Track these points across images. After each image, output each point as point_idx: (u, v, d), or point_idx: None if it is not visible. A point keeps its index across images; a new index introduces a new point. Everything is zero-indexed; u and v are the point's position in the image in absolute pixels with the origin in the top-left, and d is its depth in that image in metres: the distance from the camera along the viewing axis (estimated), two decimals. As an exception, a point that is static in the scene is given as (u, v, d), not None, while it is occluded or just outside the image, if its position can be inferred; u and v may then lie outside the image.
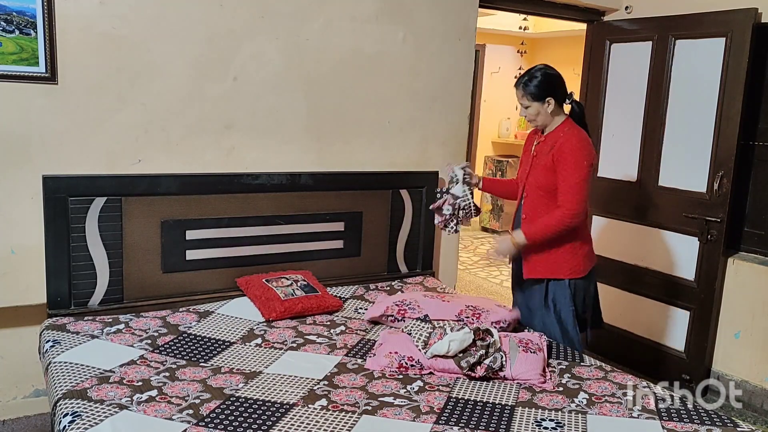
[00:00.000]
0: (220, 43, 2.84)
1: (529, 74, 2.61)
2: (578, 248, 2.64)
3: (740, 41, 3.27)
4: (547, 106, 2.59)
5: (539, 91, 2.57)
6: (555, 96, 2.59)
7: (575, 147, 2.53)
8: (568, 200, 2.52)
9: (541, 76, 2.59)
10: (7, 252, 2.59)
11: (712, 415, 2.02)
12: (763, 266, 3.36)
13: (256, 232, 2.97)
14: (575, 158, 2.52)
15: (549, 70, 2.61)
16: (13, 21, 2.46)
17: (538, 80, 2.58)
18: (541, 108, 2.59)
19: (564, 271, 2.63)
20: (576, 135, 2.57)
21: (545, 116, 2.62)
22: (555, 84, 2.60)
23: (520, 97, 2.63)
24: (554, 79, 2.61)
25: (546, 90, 2.57)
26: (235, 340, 2.46)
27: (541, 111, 2.60)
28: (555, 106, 2.60)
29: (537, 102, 2.58)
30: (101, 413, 1.82)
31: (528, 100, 2.59)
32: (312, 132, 3.14)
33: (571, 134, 2.57)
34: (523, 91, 2.60)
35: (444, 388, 2.14)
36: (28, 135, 2.55)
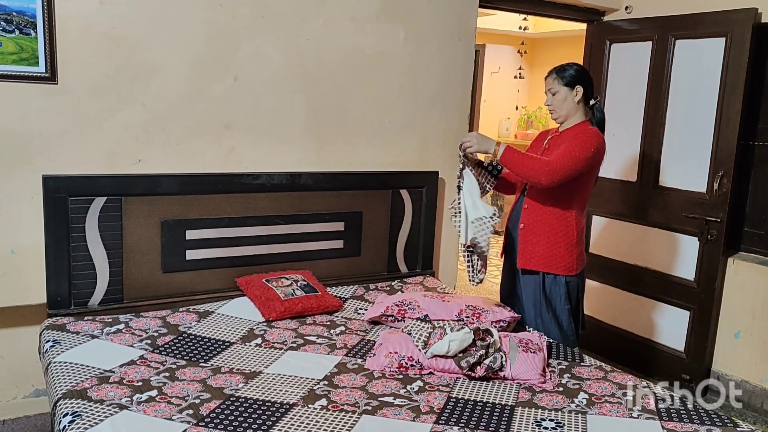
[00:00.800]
0: (220, 43, 2.85)
1: (563, 64, 2.65)
2: (574, 247, 2.64)
3: (740, 41, 3.27)
4: (575, 95, 2.59)
5: (571, 78, 2.59)
6: (585, 88, 2.60)
7: (590, 136, 2.53)
8: (557, 160, 2.46)
9: (576, 67, 2.64)
10: (7, 252, 2.59)
11: (712, 415, 2.02)
12: (763, 266, 3.36)
13: (256, 232, 2.97)
14: (586, 141, 2.51)
15: (583, 68, 2.67)
16: (13, 21, 2.46)
17: (572, 68, 2.62)
18: (569, 95, 2.60)
19: (559, 267, 2.63)
20: (594, 131, 2.58)
21: (570, 105, 2.60)
22: (587, 77, 2.64)
23: (552, 81, 2.63)
24: (587, 73, 2.66)
25: (578, 78, 2.59)
26: (235, 340, 2.46)
27: (569, 98, 2.60)
28: (581, 98, 2.60)
29: (567, 87, 2.59)
30: (101, 413, 1.82)
31: (558, 83, 2.60)
32: (312, 132, 3.14)
33: (588, 129, 2.59)
34: (556, 74, 2.61)
35: (444, 388, 2.14)
36: (28, 135, 2.55)
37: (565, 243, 2.62)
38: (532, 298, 2.71)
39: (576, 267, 2.66)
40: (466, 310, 2.59)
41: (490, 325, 2.48)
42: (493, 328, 2.38)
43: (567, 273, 2.64)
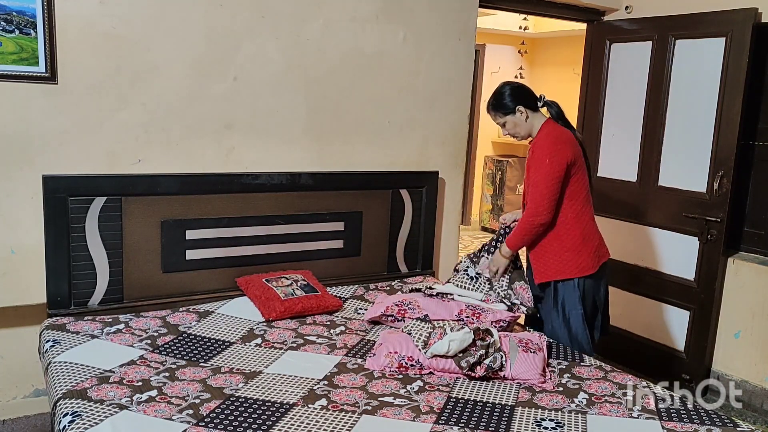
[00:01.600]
0: (220, 43, 2.84)
1: (494, 95, 2.69)
2: (583, 245, 2.64)
3: (740, 41, 3.27)
4: (521, 115, 2.62)
5: (508, 104, 2.62)
6: (525, 104, 2.62)
7: (541, 146, 2.57)
8: (531, 200, 2.58)
9: (505, 89, 2.66)
10: (7, 252, 2.59)
11: (712, 415, 2.02)
12: (763, 266, 3.36)
13: (256, 232, 2.97)
14: (538, 156, 2.56)
15: (510, 83, 2.69)
16: (13, 21, 2.46)
17: (503, 95, 2.65)
18: (516, 119, 2.63)
19: (571, 270, 2.63)
20: (546, 135, 2.60)
21: (523, 126, 2.65)
22: (520, 93, 2.65)
23: (494, 117, 2.69)
24: (518, 88, 2.67)
25: (514, 100, 2.62)
26: (235, 340, 2.46)
27: (518, 122, 2.64)
28: (529, 113, 2.62)
29: (510, 115, 2.63)
30: (101, 413, 1.82)
31: (501, 116, 2.65)
32: (312, 132, 3.14)
33: (543, 134, 2.62)
34: (494, 110, 2.66)
35: (444, 388, 2.14)
36: (28, 135, 2.55)
37: (570, 245, 2.62)
38: (553, 311, 2.70)
39: (591, 265, 2.64)
40: (466, 310, 2.59)
41: (490, 325, 2.48)
42: (493, 328, 2.38)
43: (580, 274, 2.63)
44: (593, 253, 2.66)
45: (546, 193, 2.53)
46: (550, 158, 2.52)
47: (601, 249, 2.72)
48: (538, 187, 2.54)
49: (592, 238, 2.69)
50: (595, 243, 2.69)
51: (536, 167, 2.55)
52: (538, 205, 2.55)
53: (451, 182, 3.59)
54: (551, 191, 2.53)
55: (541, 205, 2.54)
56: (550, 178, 2.52)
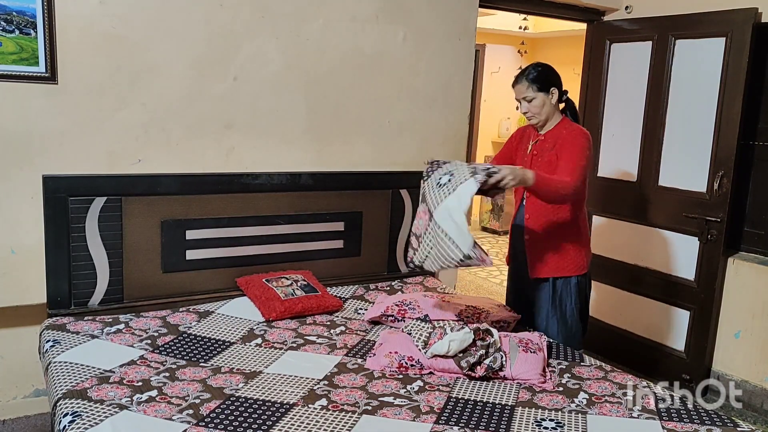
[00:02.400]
0: (220, 43, 2.85)
1: (534, 67, 2.58)
2: (581, 246, 2.65)
3: (740, 41, 3.27)
4: (551, 97, 2.55)
5: (544, 82, 2.54)
6: (558, 86, 2.57)
7: (583, 139, 2.52)
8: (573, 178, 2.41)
9: (543, 68, 2.57)
10: (7, 252, 2.59)
11: (712, 415, 2.02)
12: (763, 266, 3.36)
13: (256, 232, 2.97)
14: (581, 145, 2.49)
15: (546, 65, 2.61)
16: (13, 21, 2.46)
17: (541, 71, 2.56)
18: (546, 99, 2.55)
19: (570, 269, 2.63)
20: (580, 130, 2.57)
21: (549, 108, 2.56)
22: (557, 77, 2.59)
23: (525, 89, 2.55)
24: (555, 72, 2.60)
25: (550, 80, 2.55)
26: (235, 340, 2.46)
27: (546, 102, 2.55)
28: (557, 99, 2.57)
29: (542, 93, 2.54)
30: (101, 413, 1.82)
31: (533, 90, 2.53)
32: (312, 132, 3.14)
33: (574, 128, 2.57)
34: (528, 82, 2.54)
35: (444, 388, 2.14)
36: (28, 135, 2.55)
37: (575, 244, 2.63)
38: (545, 303, 2.70)
39: (586, 265, 2.67)
40: (466, 310, 2.59)
41: (490, 325, 2.48)
42: (493, 328, 2.38)
43: (578, 273, 2.64)
44: (587, 254, 2.69)
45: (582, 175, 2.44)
46: (589, 147, 2.49)
47: (589, 253, 2.74)
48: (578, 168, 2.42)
49: (586, 240, 2.71)
50: (587, 245, 2.72)
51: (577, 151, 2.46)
52: (579, 184, 2.43)
53: (451, 182, 3.58)
54: (585, 176, 2.48)
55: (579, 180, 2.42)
56: (587, 166, 2.47)
